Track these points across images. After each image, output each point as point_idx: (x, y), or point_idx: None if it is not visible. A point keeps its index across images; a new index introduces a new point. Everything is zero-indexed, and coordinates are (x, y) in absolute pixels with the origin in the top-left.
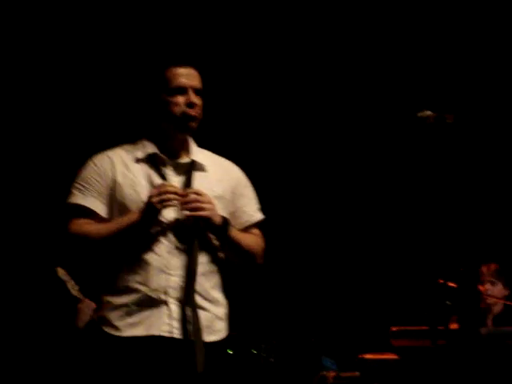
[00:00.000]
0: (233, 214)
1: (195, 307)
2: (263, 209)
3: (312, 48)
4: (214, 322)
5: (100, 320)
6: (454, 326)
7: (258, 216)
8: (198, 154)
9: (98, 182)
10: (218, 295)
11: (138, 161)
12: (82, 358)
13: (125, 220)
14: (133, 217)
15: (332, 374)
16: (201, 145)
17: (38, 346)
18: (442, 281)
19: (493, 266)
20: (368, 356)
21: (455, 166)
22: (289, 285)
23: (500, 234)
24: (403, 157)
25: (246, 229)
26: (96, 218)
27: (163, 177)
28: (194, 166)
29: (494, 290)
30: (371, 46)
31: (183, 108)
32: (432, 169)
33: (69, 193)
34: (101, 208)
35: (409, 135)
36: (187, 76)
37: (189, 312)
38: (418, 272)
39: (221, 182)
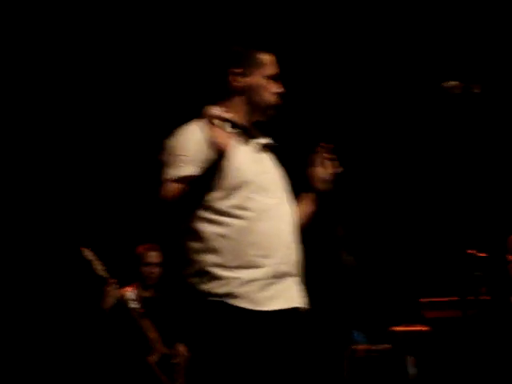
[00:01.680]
0: None
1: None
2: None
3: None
4: None
5: (226, 296)
6: (484, 296)
7: None
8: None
9: (199, 152)
10: None
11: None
12: (205, 333)
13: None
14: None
15: (363, 347)
16: None
17: (63, 327)
18: (471, 251)
19: None
20: (399, 328)
21: (483, 138)
22: (316, 257)
23: None
24: (430, 128)
25: None
26: None
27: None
28: (267, 147)
29: None
30: (395, 14)
31: (275, 97)
32: (459, 140)
33: (170, 168)
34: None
35: (434, 106)
36: (277, 65)
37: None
38: (447, 243)
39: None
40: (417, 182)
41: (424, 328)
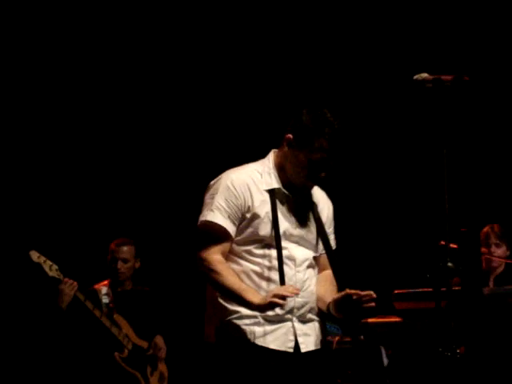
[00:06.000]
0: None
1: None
2: None
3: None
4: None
5: (227, 325)
6: (456, 287)
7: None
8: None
9: (236, 207)
10: None
11: (266, 190)
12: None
13: (249, 295)
14: (254, 300)
15: (336, 338)
16: None
17: (24, 332)
18: (443, 242)
19: (497, 228)
20: (371, 319)
21: (455, 128)
22: None
23: (501, 196)
24: (402, 119)
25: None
26: (227, 240)
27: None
28: (309, 205)
29: (497, 251)
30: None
31: (307, 180)
32: (432, 131)
33: (204, 210)
34: (233, 231)
35: (406, 99)
36: (328, 150)
37: (305, 327)
38: (419, 234)
39: (323, 211)
40: (390, 174)
41: (396, 319)
